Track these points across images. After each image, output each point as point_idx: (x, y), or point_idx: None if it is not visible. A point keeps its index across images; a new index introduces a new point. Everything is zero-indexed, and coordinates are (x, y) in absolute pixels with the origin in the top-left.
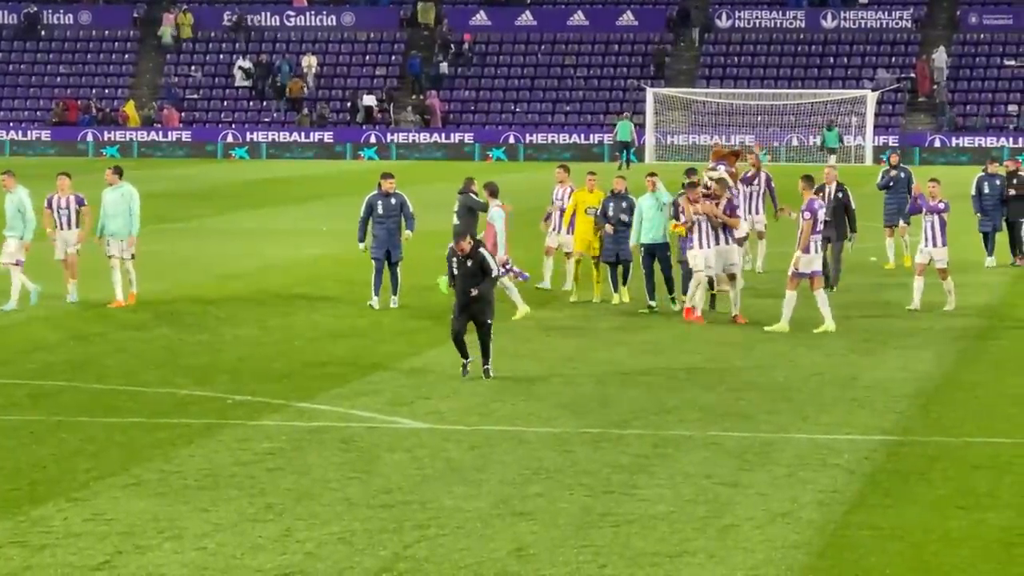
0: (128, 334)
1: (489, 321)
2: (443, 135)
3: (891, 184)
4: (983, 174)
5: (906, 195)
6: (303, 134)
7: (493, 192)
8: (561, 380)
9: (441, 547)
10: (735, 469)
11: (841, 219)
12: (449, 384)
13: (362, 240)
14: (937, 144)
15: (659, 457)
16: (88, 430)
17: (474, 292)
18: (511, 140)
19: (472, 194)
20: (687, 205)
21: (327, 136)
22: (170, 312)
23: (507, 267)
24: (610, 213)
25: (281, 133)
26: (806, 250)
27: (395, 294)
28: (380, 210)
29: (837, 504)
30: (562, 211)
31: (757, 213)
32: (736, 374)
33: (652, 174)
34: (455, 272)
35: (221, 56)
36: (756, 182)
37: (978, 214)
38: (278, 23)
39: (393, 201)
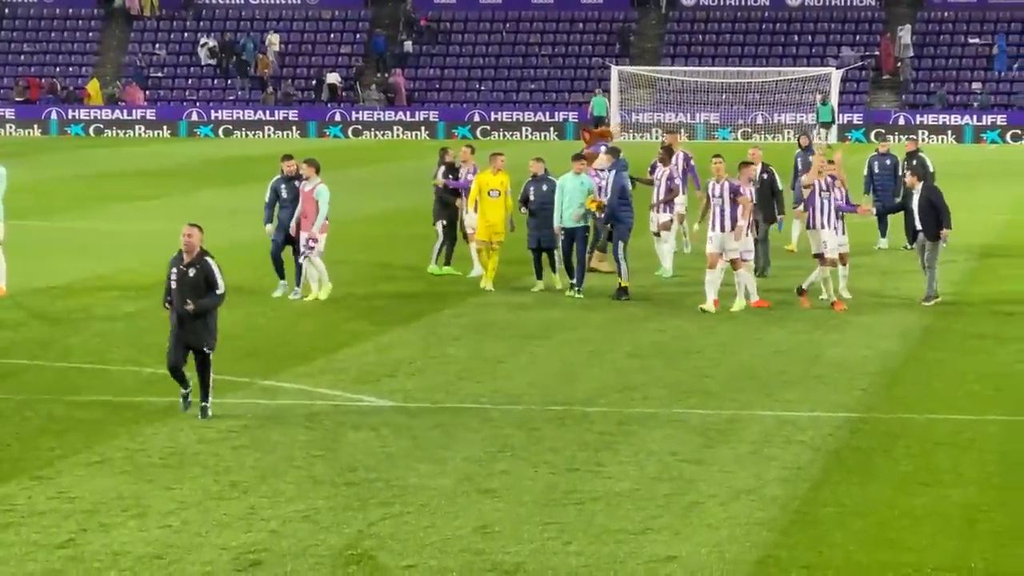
0: (92, 313)
1: (207, 350)
2: (408, 113)
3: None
4: (875, 154)
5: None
6: (268, 112)
7: (317, 168)
8: (526, 358)
9: (406, 525)
10: (699, 446)
11: (768, 201)
12: (414, 362)
13: (268, 222)
14: (901, 121)
15: (624, 435)
16: (52, 409)
17: (189, 306)
18: (476, 118)
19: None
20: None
21: (292, 114)
22: (135, 290)
23: (311, 244)
24: (531, 197)
25: (246, 111)
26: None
27: (298, 284)
28: (284, 194)
29: (801, 481)
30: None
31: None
32: (701, 352)
33: (579, 156)
34: (172, 286)
35: (185, 34)
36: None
37: (868, 194)
38: (242, 1)
39: (297, 184)
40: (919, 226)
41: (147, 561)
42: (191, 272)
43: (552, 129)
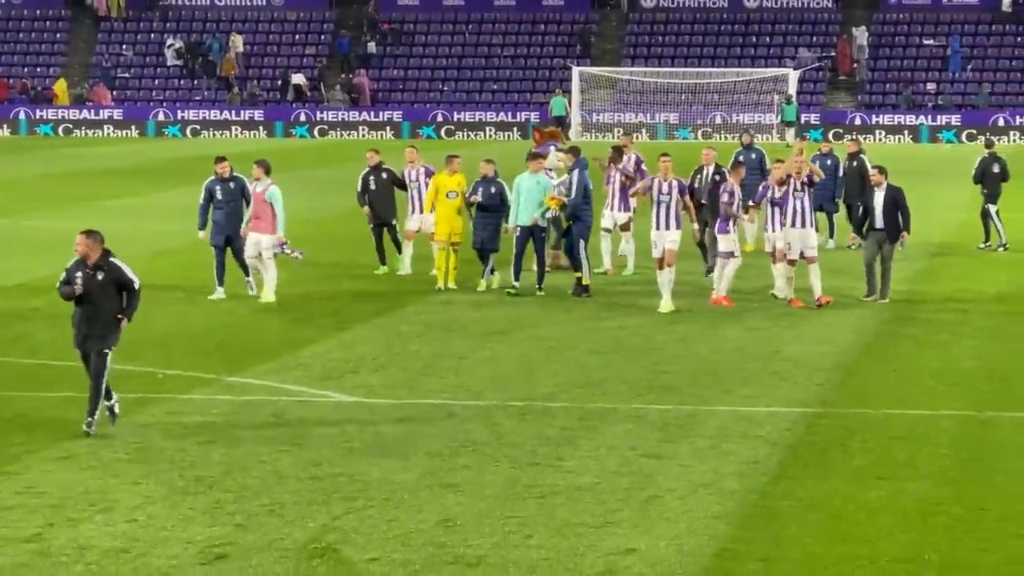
0: (60, 310)
1: (107, 351)
2: (372, 113)
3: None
4: (816, 154)
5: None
6: (234, 112)
7: (268, 169)
8: (488, 355)
9: (369, 518)
10: (659, 441)
11: (717, 202)
12: (378, 358)
13: (202, 228)
14: (858, 122)
15: (584, 430)
16: (19, 404)
17: (123, 323)
18: (439, 118)
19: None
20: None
21: (258, 114)
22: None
23: (283, 247)
24: (480, 199)
25: (212, 111)
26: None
27: (248, 275)
28: (219, 195)
29: (758, 475)
30: (420, 190)
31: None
32: (660, 349)
33: (536, 155)
34: (78, 291)
35: (152, 35)
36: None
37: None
38: (208, 2)
39: (232, 186)
40: (879, 224)
41: (113, 555)
42: (98, 276)
43: (516, 129)
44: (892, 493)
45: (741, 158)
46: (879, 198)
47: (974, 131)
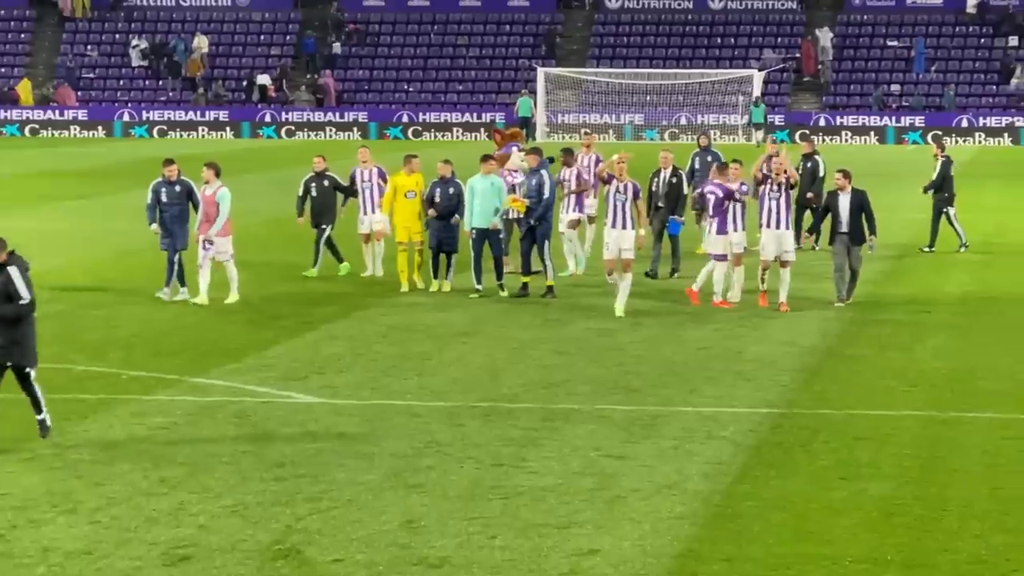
0: None
1: (28, 369)
2: (337, 114)
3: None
4: (765, 156)
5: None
6: (199, 113)
7: (218, 171)
8: (452, 355)
9: (333, 519)
10: (622, 442)
11: (675, 205)
12: (342, 359)
13: (152, 222)
14: (822, 123)
15: (548, 430)
16: None
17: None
18: (404, 119)
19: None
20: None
21: (223, 115)
22: (66, 288)
23: (207, 246)
24: (436, 199)
25: (177, 112)
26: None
27: (167, 285)
28: (164, 198)
29: (722, 476)
30: (371, 191)
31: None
32: (624, 350)
33: (488, 157)
34: None
35: (117, 36)
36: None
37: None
38: (173, 3)
39: (178, 188)
40: (844, 228)
41: (76, 556)
42: None
43: (482, 130)
44: (855, 493)
45: (697, 160)
46: (844, 202)
47: (940, 132)
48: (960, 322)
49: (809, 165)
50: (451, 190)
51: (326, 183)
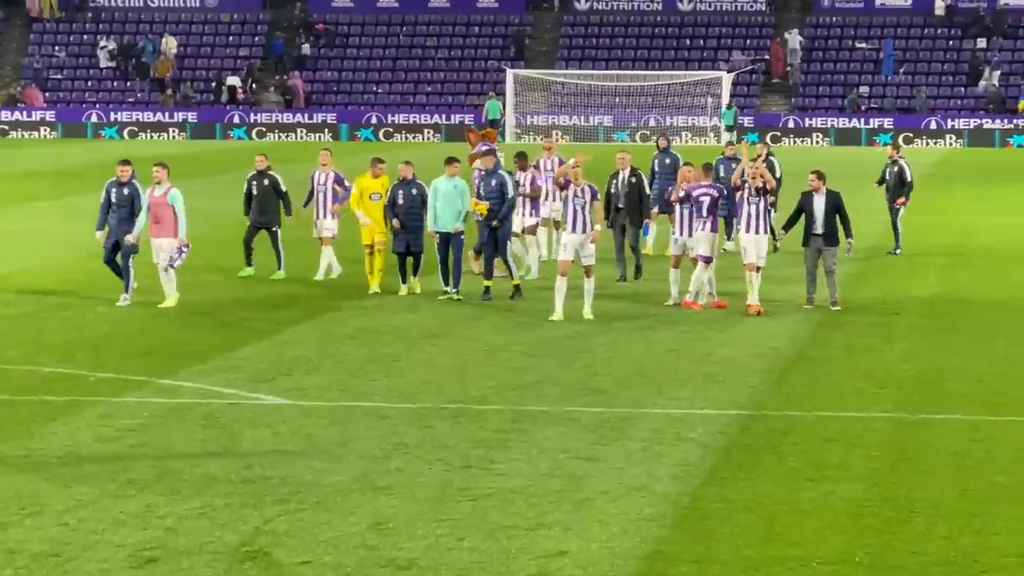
0: None
1: None
2: (306, 115)
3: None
4: (721, 157)
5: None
6: (167, 114)
7: (169, 172)
8: (421, 357)
9: (301, 521)
10: (591, 444)
11: (635, 206)
12: (311, 361)
13: (100, 228)
14: (791, 125)
15: (517, 432)
16: None
17: None
18: (373, 120)
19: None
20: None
21: (191, 116)
22: (34, 290)
23: (182, 251)
24: (399, 201)
25: (145, 113)
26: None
27: (126, 292)
28: (113, 198)
29: (691, 477)
30: (326, 195)
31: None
32: (593, 351)
33: (452, 160)
34: None
35: (85, 36)
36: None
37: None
38: (141, 3)
39: (126, 191)
40: (819, 230)
41: (43, 559)
42: None
43: (448, 131)
44: (823, 495)
45: (656, 163)
46: (819, 203)
47: (912, 134)
48: (928, 324)
49: (765, 166)
50: (413, 191)
51: (266, 182)
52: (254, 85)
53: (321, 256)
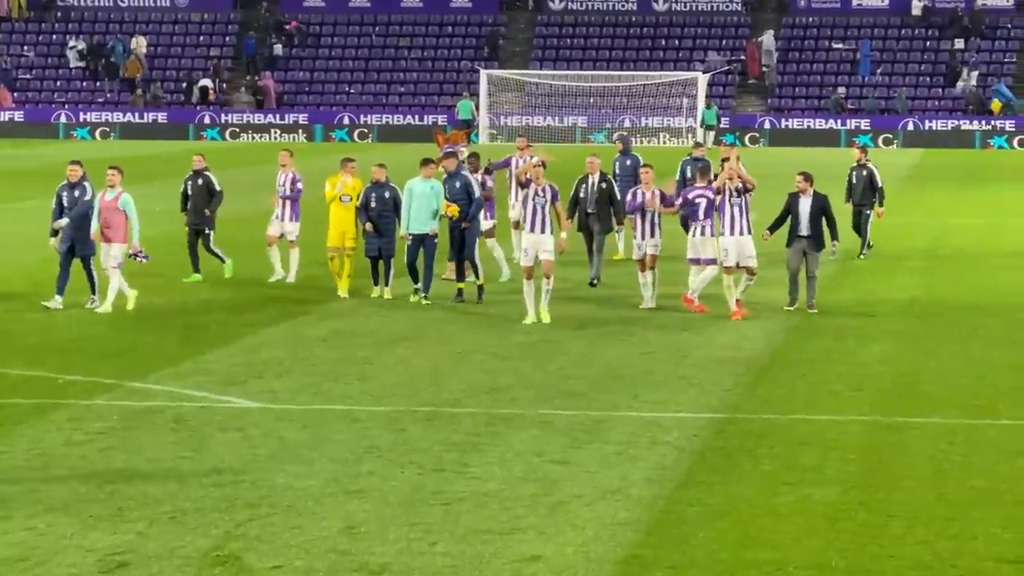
0: None
1: None
2: (278, 116)
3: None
4: (687, 158)
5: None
6: (137, 115)
7: (122, 175)
8: (394, 359)
9: (272, 525)
10: (565, 447)
11: (606, 210)
12: (282, 363)
13: (53, 235)
14: (767, 126)
15: (490, 435)
16: None
17: None
18: (345, 121)
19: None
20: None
21: (161, 117)
22: (2, 292)
23: (136, 256)
24: (372, 204)
25: (115, 113)
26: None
27: (94, 293)
28: (65, 201)
29: (666, 481)
30: (284, 198)
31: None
32: (567, 354)
33: (427, 161)
34: None
35: (54, 36)
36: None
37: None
38: (111, 3)
39: (76, 193)
40: (804, 232)
41: (11, 563)
42: None
43: (422, 132)
44: (799, 499)
45: (618, 165)
46: (805, 205)
47: (891, 135)
48: (906, 327)
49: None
50: (386, 194)
51: (200, 182)
52: (223, 85)
53: (271, 254)
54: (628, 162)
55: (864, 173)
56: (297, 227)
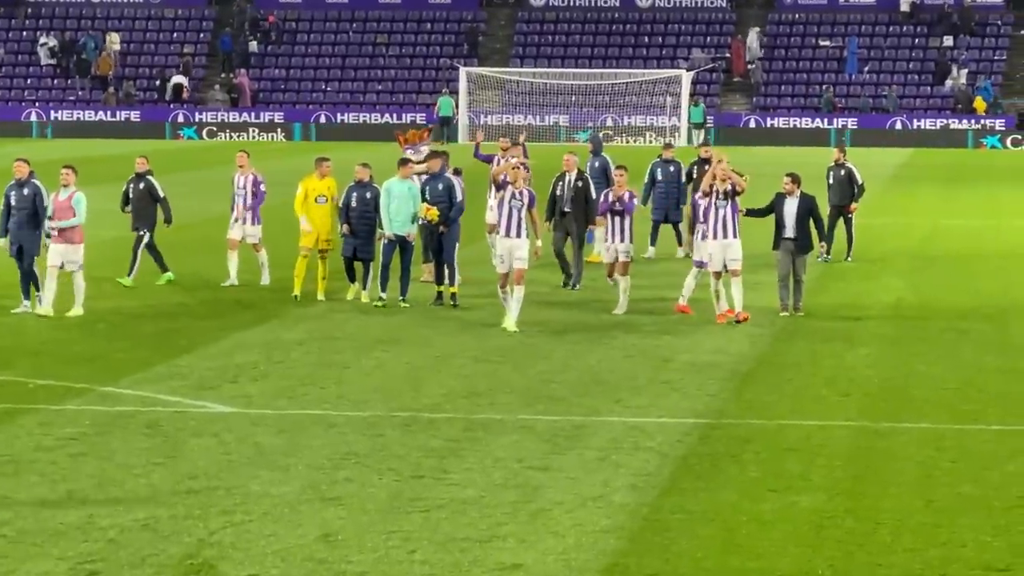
0: None
1: None
2: (252, 114)
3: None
4: (657, 160)
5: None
6: (109, 113)
7: (76, 174)
8: (372, 364)
9: (247, 533)
10: (546, 453)
11: (581, 210)
12: (257, 367)
13: (2, 235)
14: (752, 125)
15: (470, 441)
16: None
17: None
18: (322, 119)
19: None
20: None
21: (134, 115)
22: None
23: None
24: (354, 204)
25: (87, 112)
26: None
27: (39, 290)
28: (12, 201)
29: (649, 488)
30: (245, 201)
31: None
32: (548, 358)
33: (406, 160)
34: None
35: (24, 33)
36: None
37: (646, 204)
38: None
39: (26, 192)
40: (790, 234)
41: None
42: None
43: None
44: (785, 506)
45: (587, 166)
46: (791, 207)
47: (879, 135)
48: (893, 330)
49: (708, 169)
50: (367, 195)
51: (142, 186)
52: (191, 82)
53: (231, 259)
54: (597, 163)
55: (842, 173)
56: (259, 230)
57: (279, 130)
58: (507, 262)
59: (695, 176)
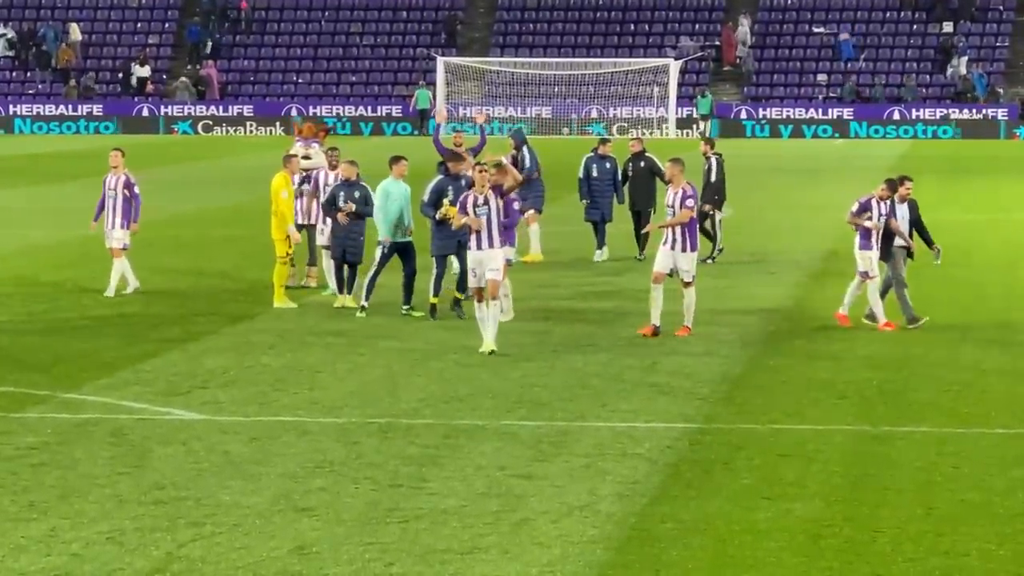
0: None
1: None
2: (220, 107)
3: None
4: (591, 155)
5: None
6: (70, 107)
7: None
8: (347, 367)
9: (217, 546)
10: (530, 460)
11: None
12: (227, 372)
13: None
14: (743, 115)
15: (450, 448)
16: None
17: None
18: (293, 112)
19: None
20: None
21: (96, 108)
22: None
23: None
24: (340, 203)
25: (47, 106)
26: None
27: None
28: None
29: (637, 496)
30: (116, 201)
31: None
32: (531, 360)
33: (399, 158)
34: None
35: None
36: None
37: (584, 201)
38: None
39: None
40: (901, 242)
41: None
42: None
43: (375, 123)
44: (780, 514)
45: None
46: (902, 214)
47: (879, 125)
48: (891, 331)
49: (643, 165)
50: (356, 194)
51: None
52: (163, 76)
53: (112, 270)
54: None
55: (706, 167)
56: (127, 235)
57: (249, 123)
58: (479, 275)
59: (630, 174)
